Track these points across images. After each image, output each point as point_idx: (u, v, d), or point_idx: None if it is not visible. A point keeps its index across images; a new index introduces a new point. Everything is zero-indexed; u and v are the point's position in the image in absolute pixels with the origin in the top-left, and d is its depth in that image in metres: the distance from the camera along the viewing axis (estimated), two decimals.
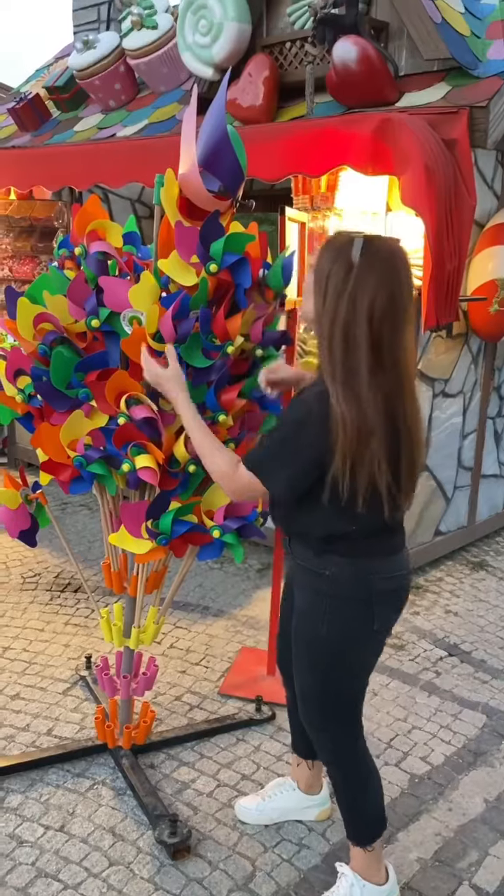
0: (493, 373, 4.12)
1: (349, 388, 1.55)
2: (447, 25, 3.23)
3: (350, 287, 1.52)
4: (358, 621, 1.75)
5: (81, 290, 1.97)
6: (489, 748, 2.61)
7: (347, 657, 1.80)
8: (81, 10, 5.59)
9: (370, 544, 1.73)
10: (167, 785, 2.37)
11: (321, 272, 1.57)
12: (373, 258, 1.53)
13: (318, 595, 1.77)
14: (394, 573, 1.76)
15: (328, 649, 1.79)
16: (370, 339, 1.53)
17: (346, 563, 1.72)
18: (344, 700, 1.87)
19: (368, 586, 1.73)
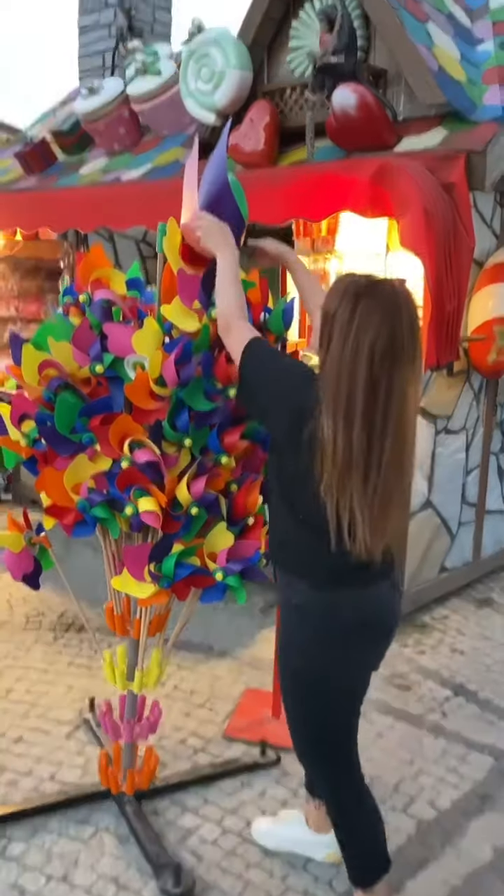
0: (495, 409, 4.14)
1: (343, 419, 1.57)
2: (444, 72, 3.31)
3: (354, 327, 1.56)
4: (328, 652, 1.77)
5: (86, 337, 2.00)
6: (497, 792, 2.57)
7: (323, 688, 1.81)
8: (86, 56, 5.74)
9: (338, 576, 1.74)
10: (171, 832, 2.34)
11: (328, 311, 1.62)
12: (377, 299, 1.57)
13: (292, 626, 1.82)
14: (363, 605, 1.76)
15: (303, 680, 1.81)
16: (369, 379, 1.56)
17: (313, 593, 1.76)
18: (329, 733, 1.88)
19: (336, 617, 1.75)
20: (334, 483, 1.59)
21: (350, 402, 1.56)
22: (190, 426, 1.99)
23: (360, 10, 3.53)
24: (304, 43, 3.76)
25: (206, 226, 1.89)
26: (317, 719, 1.85)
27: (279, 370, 1.73)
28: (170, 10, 5.80)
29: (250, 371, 1.74)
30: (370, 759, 2.71)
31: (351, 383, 1.56)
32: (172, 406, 1.96)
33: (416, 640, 3.60)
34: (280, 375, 1.72)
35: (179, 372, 1.93)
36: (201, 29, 4.01)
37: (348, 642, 1.76)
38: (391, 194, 2.83)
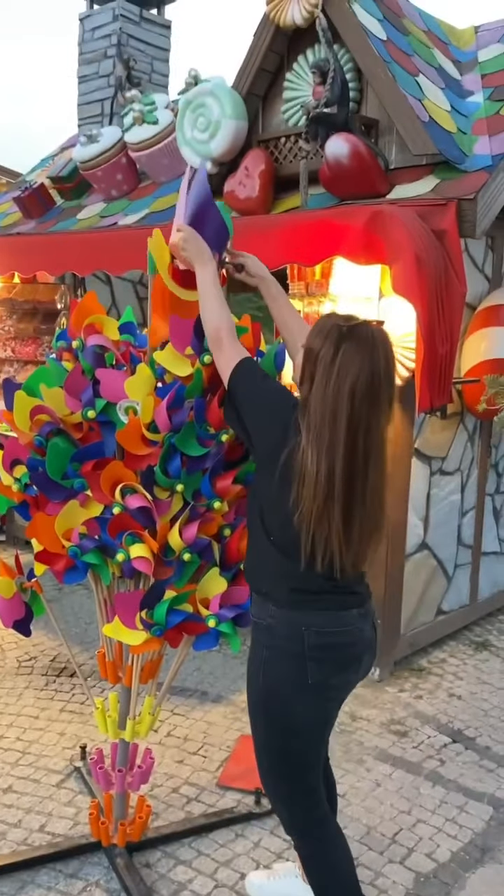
0: (489, 450, 4.15)
1: (326, 454, 1.63)
2: (434, 123, 3.38)
3: (336, 369, 1.63)
4: (292, 674, 1.78)
5: (78, 382, 2.01)
6: (497, 843, 2.52)
7: (285, 711, 1.81)
8: (85, 104, 5.87)
9: (305, 598, 1.78)
10: (163, 886, 2.28)
11: (311, 350, 1.68)
12: (357, 342, 1.65)
13: (258, 645, 1.84)
14: (328, 629, 1.78)
15: (266, 702, 1.83)
16: (349, 417, 1.64)
17: (281, 615, 1.79)
18: (290, 762, 1.87)
19: (301, 639, 1.76)
20: (313, 513, 1.65)
21: (333, 438, 1.63)
22: (182, 471, 1.99)
23: (353, 63, 3.62)
24: (298, 94, 3.85)
25: (185, 236, 1.95)
26: (278, 744, 1.86)
27: (267, 390, 1.80)
28: (167, 62, 5.94)
29: (240, 387, 1.78)
30: (367, 809, 2.66)
31: (333, 421, 1.63)
32: (164, 451, 1.96)
33: (413, 684, 3.56)
34: (268, 395, 1.79)
35: (172, 417, 1.94)
36: (198, 80, 4.10)
37: (313, 665, 1.77)
38: (384, 241, 2.87)
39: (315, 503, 1.64)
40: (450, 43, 4.35)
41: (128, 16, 5.53)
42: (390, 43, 3.64)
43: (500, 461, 4.30)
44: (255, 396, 1.78)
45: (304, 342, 1.73)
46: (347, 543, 1.68)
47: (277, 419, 1.73)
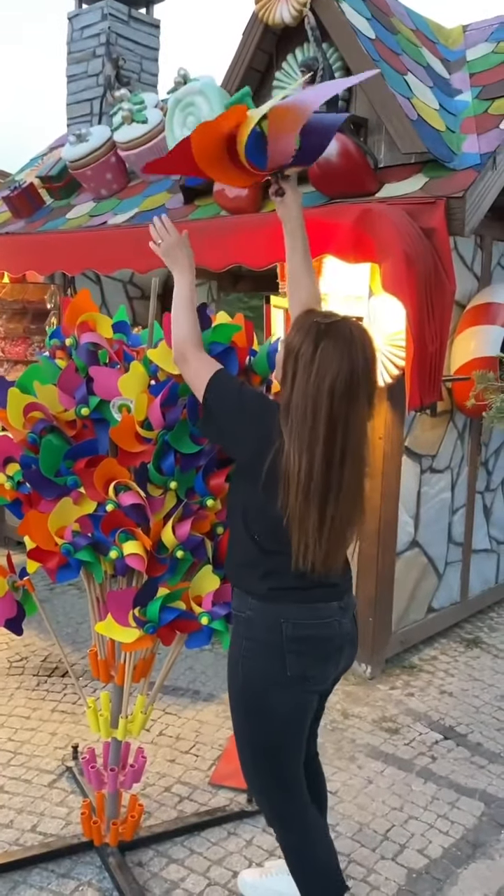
0: (479, 448, 4.17)
1: (306, 452, 1.66)
2: (423, 122, 3.39)
3: (315, 367, 1.65)
4: (270, 665, 1.80)
5: (72, 380, 2.01)
6: (488, 839, 2.53)
7: (263, 702, 1.83)
8: (75, 104, 5.85)
9: (283, 591, 1.79)
10: (156, 885, 2.28)
11: (291, 347, 1.70)
12: (336, 340, 1.67)
13: (237, 637, 1.86)
14: (305, 621, 1.80)
15: (244, 693, 1.85)
16: (329, 413, 1.66)
17: (260, 607, 1.81)
18: (270, 753, 1.89)
19: (279, 631, 1.79)
20: (297, 511, 1.68)
21: (312, 435, 1.65)
22: (175, 469, 1.99)
23: (341, 62, 3.63)
24: (287, 93, 3.85)
25: (170, 244, 1.93)
26: (257, 737, 1.87)
27: (244, 401, 1.79)
28: (156, 61, 5.94)
29: (217, 401, 1.79)
30: (360, 806, 2.67)
31: (314, 419, 1.65)
32: (158, 449, 1.96)
33: (404, 681, 3.57)
34: (245, 406, 1.78)
35: (165, 415, 1.94)
36: (187, 79, 4.10)
37: (291, 657, 1.79)
38: (373, 240, 2.88)
39: (297, 501, 1.67)
40: (438, 42, 4.36)
41: (117, 15, 5.52)
42: (379, 42, 3.65)
43: (490, 459, 4.32)
44: (234, 408, 1.79)
45: (284, 338, 1.76)
46: (319, 540, 1.70)
47: (260, 426, 1.74)
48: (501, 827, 2.59)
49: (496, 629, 4.23)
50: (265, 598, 1.81)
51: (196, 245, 3.45)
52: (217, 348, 1.97)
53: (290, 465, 1.67)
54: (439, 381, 3.03)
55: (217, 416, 1.80)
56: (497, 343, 3.69)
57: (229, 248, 3.35)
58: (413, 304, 2.78)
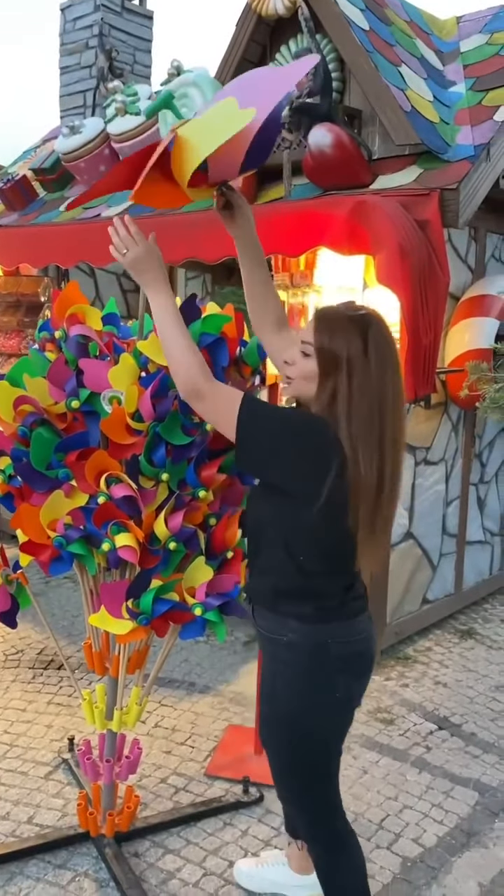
0: (473, 440, 4.17)
1: (375, 457, 1.58)
2: (417, 113, 3.39)
3: (372, 359, 1.58)
4: (318, 690, 1.71)
5: (62, 372, 2.00)
6: (482, 827, 2.54)
7: (311, 728, 1.75)
8: (68, 96, 5.82)
9: (328, 610, 1.71)
10: (152, 875, 2.29)
11: (336, 353, 1.58)
12: (378, 325, 1.62)
13: (277, 663, 1.75)
14: (351, 638, 1.74)
15: (291, 720, 1.74)
16: (393, 409, 1.61)
17: (304, 629, 1.70)
18: (315, 774, 1.82)
19: (326, 653, 1.70)
20: (368, 522, 1.60)
21: (380, 438, 1.58)
22: (167, 460, 1.99)
23: (335, 53, 3.62)
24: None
25: (138, 254, 1.71)
26: (303, 759, 1.79)
27: (288, 422, 1.64)
28: (149, 52, 5.91)
29: (253, 429, 1.61)
30: (354, 796, 2.68)
31: (380, 420, 1.59)
32: (149, 440, 1.96)
33: (399, 672, 3.58)
34: (290, 426, 1.62)
35: (156, 406, 1.94)
36: (180, 70, 4.08)
37: (339, 677, 1.72)
38: (368, 231, 2.88)
39: (369, 513, 1.59)
40: (432, 33, 4.35)
41: (109, 6, 5.49)
42: (373, 33, 3.64)
43: (484, 451, 4.33)
44: (277, 432, 1.61)
45: (314, 346, 1.60)
46: (378, 548, 1.65)
47: (312, 444, 1.58)
48: (495, 816, 2.60)
49: (490, 620, 4.24)
50: (309, 619, 1.70)
51: (190, 237, 3.47)
52: (207, 339, 1.97)
53: (359, 476, 1.55)
54: (433, 373, 3.03)
55: (259, 446, 1.62)
56: (491, 335, 3.69)
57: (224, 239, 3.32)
58: (407, 296, 2.78)
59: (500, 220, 4.04)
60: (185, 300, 2.01)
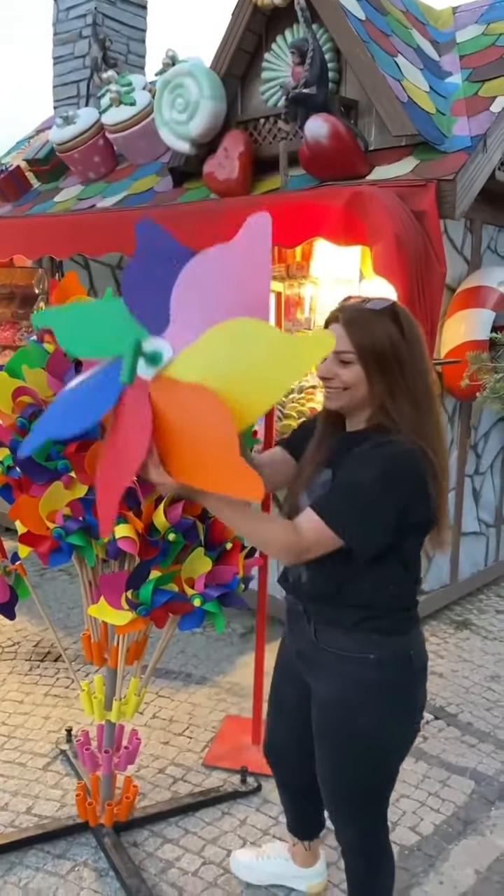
0: (469, 431, 4.18)
1: (436, 439, 1.59)
2: (413, 104, 3.38)
3: (409, 340, 1.59)
4: (403, 705, 1.69)
5: (60, 364, 2.00)
6: (478, 816, 2.57)
7: (392, 742, 1.71)
8: (62, 86, 5.79)
9: (408, 618, 1.69)
10: (151, 864, 2.30)
11: (380, 348, 1.56)
12: (399, 307, 1.63)
13: (359, 684, 1.66)
14: (422, 647, 1.73)
15: (370, 742, 1.68)
16: (435, 380, 1.63)
17: (389, 643, 1.65)
18: (380, 788, 1.78)
19: (411, 665, 1.67)
20: (442, 503, 1.61)
21: (436, 414, 1.61)
22: None
23: (332, 43, 3.61)
24: (277, 74, 3.83)
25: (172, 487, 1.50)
26: (372, 780, 1.75)
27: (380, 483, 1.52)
28: (144, 42, 5.88)
29: (354, 522, 1.53)
30: None
31: (432, 395, 1.61)
32: None
33: None
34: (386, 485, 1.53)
35: None
36: (175, 60, 4.06)
37: (419, 687, 1.70)
38: (364, 222, 2.88)
39: (442, 492, 1.59)
40: (428, 23, 4.34)
41: None
42: (369, 23, 3.63)
43: (479, 442, 4.34)
44: (378, 500, 1.53)
45: (355, 351, 1.56)
46: (446, 524, 1.65)
47: (409, 486, 1.54)
48: (491, 804, 2.62)
49: (485, 611, 4.26)
50: (394, 632, 1.65)
51: (185, 229, 3.46)
52: None
53: (435, 468, 1.56)
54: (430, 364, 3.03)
55: (368, 530, 1.55)
56: (487, 326, 3.70)
57: (220, 231, 3.32)
58: (404, 287, 2.78)
59: (497, 211, 4.04)
60: None
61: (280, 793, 2.13)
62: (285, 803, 2.13)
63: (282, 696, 1.97)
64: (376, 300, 1.62)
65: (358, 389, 1.61)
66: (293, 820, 2.14)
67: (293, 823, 2.14)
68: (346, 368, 1.61)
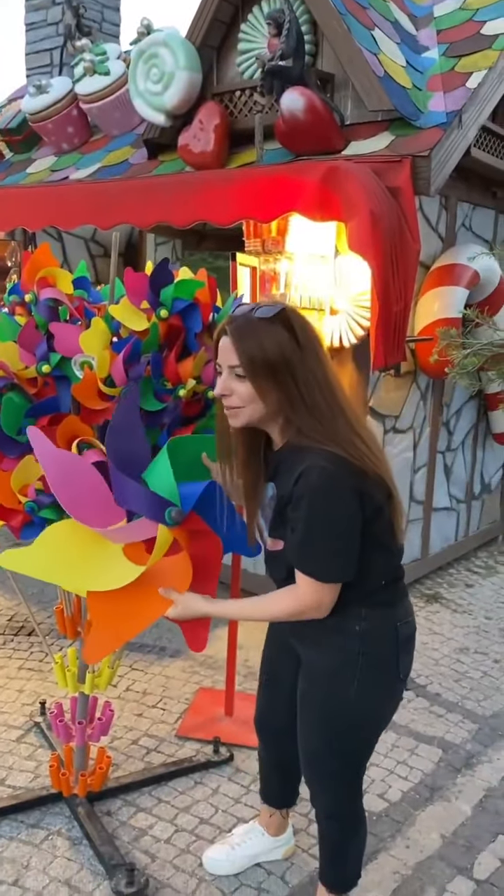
0: (441, 408, 4.23)
1: (349, 436, 1.57)
2: (389, 78, 3.36)
3: (307, 350, 1.55)
4: (387, 674, 1.71)
5: (32, 337, 1.99)
6: (445, 783, 2.63)
7: (374, 712, 1.75)
8: (34, 53, 5.67)
9: (394, 590, 1.71)
10: (124, 832, 2.34)
11: (271, 358, 1.53)
12: (294, 311, 1.60)
13: (346, 653, 1.68)
14: (409, 617, 1.74)
15: (354, 710, 1.71)
16: (337, 380, 1.60)
17: (375, 615, 1.67)
18: (358, 756, 1.82)
19: (396, 636, 1.69)
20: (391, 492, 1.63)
21: (344, 414, 1.59)
22: None
23: (308, 15, 3.57)
24: (253, 46, 3.79)
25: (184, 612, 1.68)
26: (352, 747, 1.78)
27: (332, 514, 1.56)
28: (118, 10, 5.77)
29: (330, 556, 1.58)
30: None
31: (334, 398, 1.59)
32: None
33: None
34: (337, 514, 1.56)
35: (128, 371, 1.93)
36: (150, 29, 4.00)
37: (404, 658, 1.72)
38: (339, 197, 2.87)
39: (379, 479, 1.59)
40: None
41: None
42: None
43: (451, 419, 4.39)
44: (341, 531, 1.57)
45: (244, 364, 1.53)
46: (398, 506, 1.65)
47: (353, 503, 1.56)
48: (458, 771, 2.69)
49: (455, 585, 4.34)
50: (379, 604, 1.68)
51: (160, 201, 3.43)
52: (180, 305, 1.97)
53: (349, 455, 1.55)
54: (403, 341, 3.05)
55: (353, 541, 1.59)
56: (460, 304, 3.72)
57: (194, 204, 3.31)
58: (378, 264, 2.78)
59: (471, 188, 4.05)
60: (156, 265, 2.00)
61: (264, 763, 2.15)
62: (269, 774, 2.15)
63: (275, 667, 1.99)
64: (265, 307, 1.56)
65: (257, 404, 1.57)
66: (275, 789, 2.17)
67: (274, 793, 2.17)
68: (241, 383, 1.56)
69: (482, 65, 3.50)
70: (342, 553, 1.58)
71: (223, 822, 2.39)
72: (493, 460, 4.93)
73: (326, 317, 3.48)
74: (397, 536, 1.67)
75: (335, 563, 1.59)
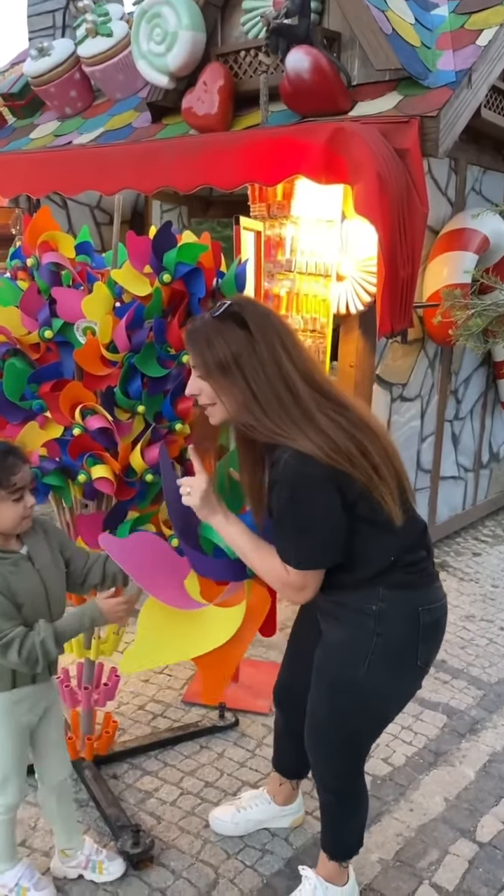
0: (449, 376, 4.19)
1: (312, 427, 1.53)
2: (397, 36, 3.28)
3: (263, 341, 1.53)
4: (404, 659, 1.69)
5: (34, 302, 1.97)
6: (449, 748, 2.65)
7: (383, 699, 1.74)
8: (36, 16, 5.55)
9: (417, 574, 1.68)
10: (130, 795, 2.36)
11: (220, 357, 1.53)
12: (251, 305, 1.58)
13: (362, 631, 1.67)
14: (435, 603, 1.71)
15: (365, 689, 1.70)
16: (299, 372, 1.56)
17: (395, 597, 1.64)
18: (365, 735, 1.81)
19: (418, 621, 1.66)
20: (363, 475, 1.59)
21: (299, 401, 1.54)
22: (143, 392, 1.98)
23: None
24: (258, 4, 3.70)
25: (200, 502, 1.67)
26: (360, 725, 1.77)
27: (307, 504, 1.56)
28: None
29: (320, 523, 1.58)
30: None
31: (288, 383, 1.54)
32: (124, 372, 1.94)
33: None
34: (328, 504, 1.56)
35: (131, 337, 1.92)
36: None
37: (423, 645, 1.69)
38: (346, 160, 2.82)
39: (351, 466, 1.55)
40: None
41: None
42: None
43: (460, 387, 4.35)
44: (318, 517, 1.57)
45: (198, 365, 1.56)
46: (399, 484, 1.61)
47: (329, 486, 1.54)
48: (462, 737, 2.71)
49: (462, 553, 4.34)
50: (399, 586, 1.64)
51: (164, 166, 3.38)
52: (183, 269, 1.94)
53: (315, 450, 1.51)
54: (410, 307, 3.01)
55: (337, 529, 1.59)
56: (470, 269, 3.66)
57: (199, 168, 3.26)
58: (385, 227, 2.74)
59: (481, 151, 3.98)
60: (159, 228, 1.97)
61: (280, 734, 2.15)
62: (283, 744, 2.15)
63: (300, 640, 1.99)
64: (218, 304, 1.58)
65: (220, 402, 1.59)
66: (287, 759, 2.17)
67: (285, 763, 2.18)
68: (204, 383, 1.59)
69: (493, 21, 3.40)
70: (317, 542, 1.58)
71: (228, 786, 2.41)
72: (501, 429, 4.90)
73: (333, 283, 3.44)
74: (389, 513, 1.59)
75: (309, 552, 1.60)
